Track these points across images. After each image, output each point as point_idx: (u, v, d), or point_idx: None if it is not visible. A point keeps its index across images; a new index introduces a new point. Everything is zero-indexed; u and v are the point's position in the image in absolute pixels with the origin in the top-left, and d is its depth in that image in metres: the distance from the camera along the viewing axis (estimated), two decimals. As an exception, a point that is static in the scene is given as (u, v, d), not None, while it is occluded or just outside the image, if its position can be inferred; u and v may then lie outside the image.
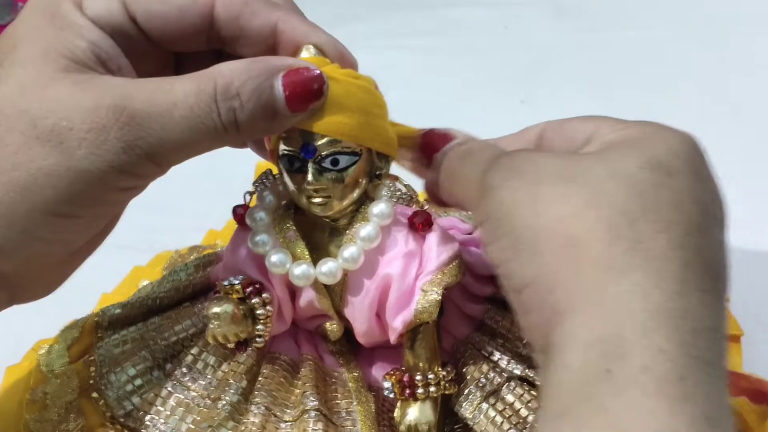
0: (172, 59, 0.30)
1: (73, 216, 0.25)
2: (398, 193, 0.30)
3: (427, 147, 0.30)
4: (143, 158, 0.25)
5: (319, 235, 0.31)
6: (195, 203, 0.53)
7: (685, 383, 0.19)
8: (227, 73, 0.25)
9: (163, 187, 0.32)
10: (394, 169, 0.31)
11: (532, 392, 0.31)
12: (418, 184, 0.32)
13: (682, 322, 0.20)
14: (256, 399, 0.31)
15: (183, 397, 0.32)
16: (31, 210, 0.24)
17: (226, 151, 0.31)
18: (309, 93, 0.26)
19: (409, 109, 0.30)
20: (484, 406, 0.31)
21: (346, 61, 0.29)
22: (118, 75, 0.27)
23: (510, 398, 0.31)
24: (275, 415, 0.31)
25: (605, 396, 0.19)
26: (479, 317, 0.34)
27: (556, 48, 0.73)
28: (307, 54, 0.28)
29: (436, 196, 0.30)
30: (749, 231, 0.46)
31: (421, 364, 0.30)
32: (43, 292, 0.29)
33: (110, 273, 0.45)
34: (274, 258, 0.30)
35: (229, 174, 0.49)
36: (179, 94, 0.24)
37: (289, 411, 0.31)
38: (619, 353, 0.20)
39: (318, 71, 0.26)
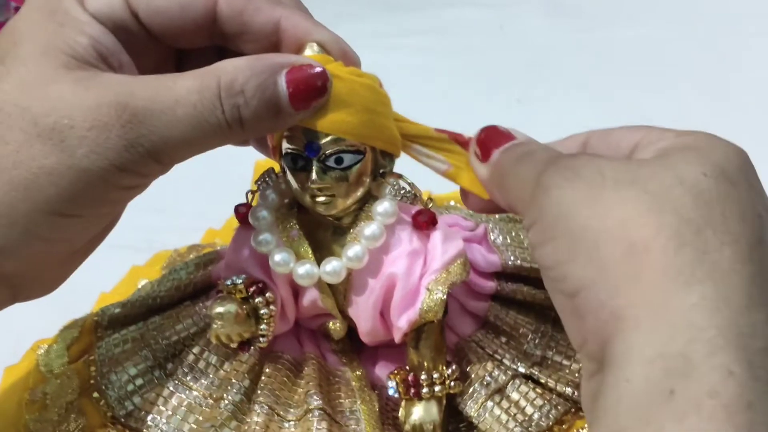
0: (174, 56, 0.30)
1: (74, 215, 0.25)
2: (402, 192, 0.30)
3: (486, 143, 0.28)
4: (145, 156, 0.24)
5: (322, 234, 0.31)
6: (194, 202, 0.53)
7: (753, 411, 0.18)
8: (231, 70, 0.25)
9: (162, 186, 0.32)
10: (398, 167, 0.31)
11: (537, 390, 0.31)
12: (421, 182, 0.32)
13: (751, 341, 0.19)
14: (259, 398, 0.31)
15: (185, 396, 0.32)
16: (32, 209, 0.24)
17: (225, 150, 0.30)
18: (312, 90, 0.26)
19: (405, 109, 0.30)
20: (489, 404, 0.31)
21: (349, 58, 0.29)
22: (120, 71, 0.26)
23: (515, 396, 0.31)
24: (278, 415, 0.31)
25: (666, 420, 0.19)
26: (483, 315, 0.34)
27: (552, 48, 0.73)
28: (310, 51, 0.28)
29: (472, 200, 0.30)
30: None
31: (425, 364, 0.30)
32: (45, 290, 0.29)
33: (109, 272, 0.45)
34: (278, 257, 0.30)
35: (227, 173, 0.49)
36: (182, 91, 0.24)
37: (292, 410, 0.31)
38: (685, 372, 0.19)
39: (321, 68, 0.26)
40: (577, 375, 0.32)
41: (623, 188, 0.22)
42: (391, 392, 0.30)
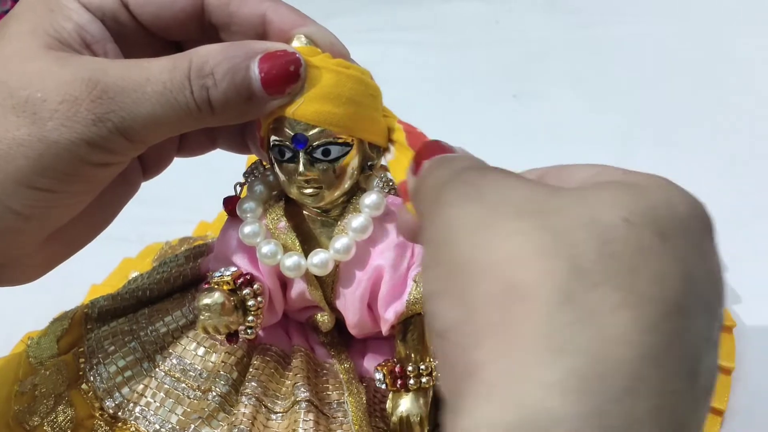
0: (170, 50, 0.30)
1: (47, 189, 0.25)
2: (390, 184, 0.30)
3: (421, 154, 0.25)
4: (114, 132, 0.25)
5: (310, 226, 0.31)
6: (186, 195, 0.53)
7: None
8: (203, 53, 0.25)
9: (154, 178, 0.32)
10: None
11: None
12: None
13: None
14: (247, 390, 0.31)
15: (173, 388, 0.32)
16: (4, 179, 0.24)
17: (218, 142, 0.30)
18: (285, 75, 0.26)
19: (400, 105, 0.30)
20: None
21: (337, 50, 0.29)
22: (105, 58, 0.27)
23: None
24: (266, 407, 0.31)
25: None
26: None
27: (548, 43, 0.73)
28: (298, 43, 0.28)
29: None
30: (745, 226, 0.47)
31: (413, 355, 0.30)
32: (24, 277, 0.29)
33: (100, 264, 0.45)
34: (265, 249, 0.30)
35: (220, 165, 0.49)
36: (154, 70, 0.25)
37: (279, 402, 0.31)
38: None
39: (296, 54, 0.26)
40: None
41: (523, 218, 0.18)
42: (378, 384, 0.30)
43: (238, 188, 0.32)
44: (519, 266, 0.17)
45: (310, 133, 0.28)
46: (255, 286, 0.30)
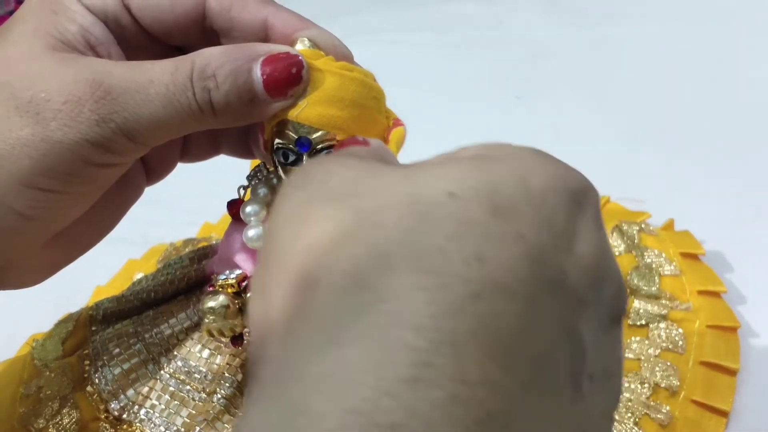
0: (172, 55, 0.30)
1: (49, 190, 0.25)
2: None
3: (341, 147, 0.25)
4: (117, 133, 0.25)
5: (314, 229, 0.31)
6: (190, 196, 0.53)
7: None
8: (206, 55, 0.25)
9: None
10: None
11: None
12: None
13: None
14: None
15: (178, 390, 0.32)
16: (6, 180, 0.25)
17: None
18: (287, 77, 0.26)
19: (402, 106, 0.30)
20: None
21: (340, 53, 0.29)
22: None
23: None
24: (270, 409, 0.31)
25: None
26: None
27: (550, 43, 0.73)
28: (301, 46, 0.28)
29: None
30: (748, 226, 0.47)
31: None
32: (25, 280, 0.29)
33: (104, 266, 0.45)
34: (270, 251, 0.30)
35: (224, 167, 0.49)
36: (157, 72, 0.25)
37: (284, 404, 0.31)
38: None
39: (298, 56, 0.26)
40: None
41: (334, 203, 0.17)
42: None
43: (242, 191, 0.32)
44: (315, 254, 0.16)
45: (314, 136, 0.28)
46: (259, 289, 0.30)
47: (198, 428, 0.30)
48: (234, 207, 0.31)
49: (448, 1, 0.81)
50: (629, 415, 0.32)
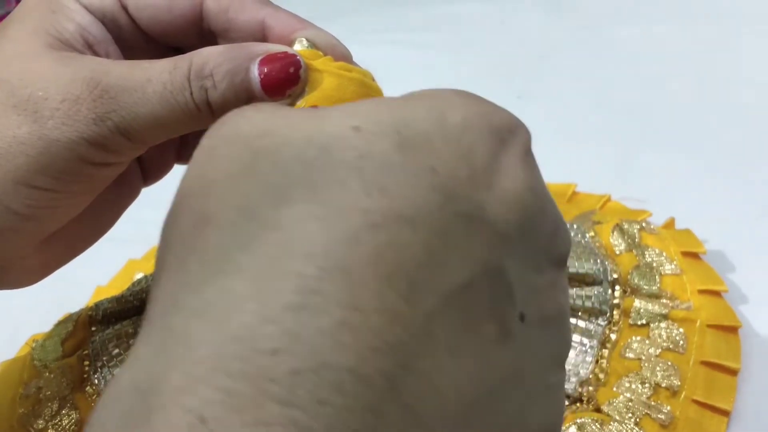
0: (170, 56, 0.30)
1: (46, 188, 0.25)
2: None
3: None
4: (114, 131, 0.25)
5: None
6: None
7: None
8: (204, 54, 0.25)
9: (159, 180, 0.33)
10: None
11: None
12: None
13: (266, 370, 0.13)
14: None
15: (177, 390, 0.32)
16: (3, 178, 0.25)
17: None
18: (285, 77, 0.26)
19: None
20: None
21: (338, 53, 0.29)
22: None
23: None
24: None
25: None
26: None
27: (553, 43, 0.73)
28: (299, 47, 0.28)
29: None
30: (751, 225, 0.46)
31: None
32: (20, 280, 0.29)
33: (105, 266, 0.45)
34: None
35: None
36: (155, 71, 0.25)
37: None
38: (143, 415, 0.13)
39: (296, 56, 0.26)
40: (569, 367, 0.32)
41: (236, 145, 0.16)
42: None
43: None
44: (211, 194, 0.16)
45: (313, 135, 0.28)
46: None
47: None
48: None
49: (450, 1, 0.81)
50: (630, 415, 0.32)
